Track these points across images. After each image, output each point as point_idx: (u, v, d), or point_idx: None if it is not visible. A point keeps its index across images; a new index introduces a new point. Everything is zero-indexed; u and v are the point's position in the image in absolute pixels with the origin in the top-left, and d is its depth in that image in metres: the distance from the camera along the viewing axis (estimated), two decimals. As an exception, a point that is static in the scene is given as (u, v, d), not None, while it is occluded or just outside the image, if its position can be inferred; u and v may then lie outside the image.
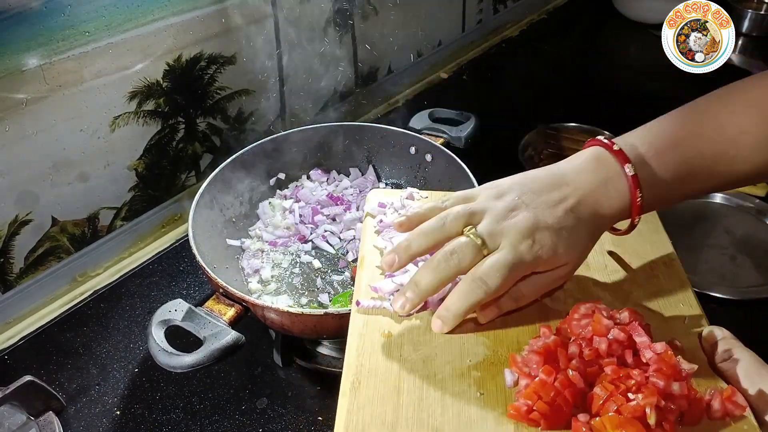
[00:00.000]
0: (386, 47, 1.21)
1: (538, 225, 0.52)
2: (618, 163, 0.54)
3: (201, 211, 0.81)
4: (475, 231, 0.53)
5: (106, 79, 0.82)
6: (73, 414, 0.74)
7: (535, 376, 0.47)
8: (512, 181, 0.56)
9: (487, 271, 0.51)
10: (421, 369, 0.50)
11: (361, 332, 0.53)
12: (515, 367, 0.49)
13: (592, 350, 0.48)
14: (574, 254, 0.54)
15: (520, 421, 0.46)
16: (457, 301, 0.52)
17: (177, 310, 0.68)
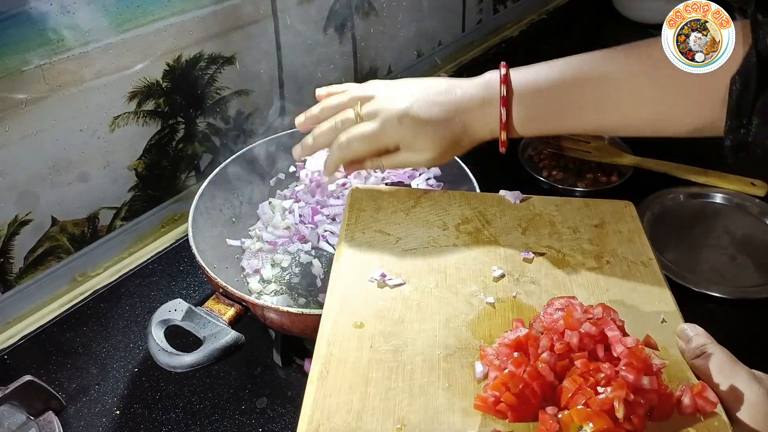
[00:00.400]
0: (386, 47, 1.21)
1: (409, 113, 0.65)
2: (499, 85, 0.64)
3: (201, 211, 0.82)
4: (359, 108, 0.67)
5: (106, 79, 0.82)
6: (73, 414, 0.74)
7: (505, 368, 0.47)
8: (414, 80, 0.69)
9: (352, 135, 0.66)
10: (390, 360, 0.50)
11: (333, 320, 0.53)
12: (485, 360, 0.49)
13: (563, 344, 0.48)
14: (432, 148, 0.66)
15: (487, 412, 0.46)
16: (330, 156, 0.68)
17: (177, 310, 0.68)
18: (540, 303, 0.56)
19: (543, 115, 0.66)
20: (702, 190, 0.99)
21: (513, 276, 0.59)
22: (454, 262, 0.60)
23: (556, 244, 0.63)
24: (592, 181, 1.03)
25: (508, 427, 0.45)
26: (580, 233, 0.65)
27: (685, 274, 0.86)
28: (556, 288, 0.58)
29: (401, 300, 0.56)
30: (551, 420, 0.44)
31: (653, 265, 0.61)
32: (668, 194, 0.98)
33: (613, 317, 0.50)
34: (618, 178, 1.02)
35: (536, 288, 0.58)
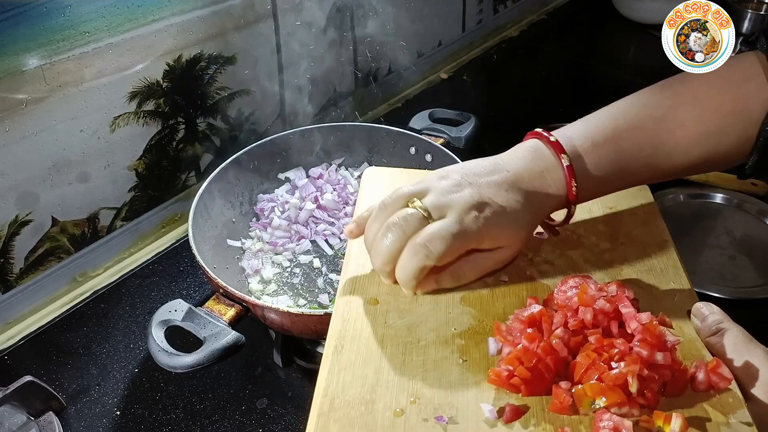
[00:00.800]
0: (386, 47, 1.21)
1: (483, 199, 0.53)
2: (554, 154, 0.57)
3: (201, 212, 0.82)
4: (420, 203, 0.53)
5: (106, 79, 0.82)
6: (73, 414, 0.74)
7: (519, 343, 0.47)
8: (454, 166, 0.58)
9: (430, 236, 0.51)
10: (404, 335, 0.50)
11: (347, 299, 0.53)
12: (499, 335, 0.49)
13: (577, 320, 0.48)
14: (516, 235, 0.55)
15: (501, 386, 0.46)
16: (402, 267, 0.52)
17: (177, 311, 0.68)
18: (554, 282, 0.55)
19: (606, 175, 0.58)
20: (702, 190, 0.99)
21: (527, 256, 0.59)
22: None
23: (570, 226, 0.62)
24: (592, 181, 1.02)
25: (522, 401, 0.46)
26: (595, 214, 0.64)
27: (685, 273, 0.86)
28: (570, 268, 0.58)
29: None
30: (565, 394, 0.44)
31: (669, 246, 0.61)
32: (668, 194, 0.98)
33: (627, 294, 0.50)
34: (618, 178, 1.02)
35: (550, 268, 0.57)
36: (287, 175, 0.96)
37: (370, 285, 0.55)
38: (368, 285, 0.55)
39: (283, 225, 0.90)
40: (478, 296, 0.54)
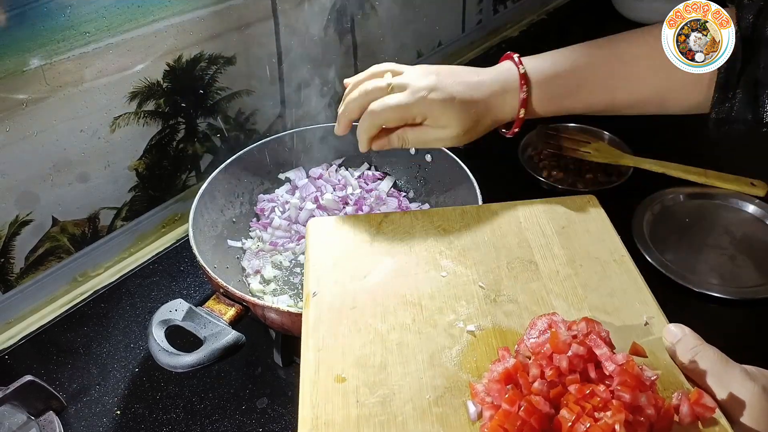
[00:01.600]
0: (386, 47, 1.21)
1: (439, 86, 0.68)
2: (517, 73, 0.73)
3: (201, 212, 0.82)
4: (390, 79, 0.70)
5: (106, 79, 0.82)
6: (73, 414, 0.74)
7: (499, 405, 0.45)
8: (443, 65, 0.73)
9: (381, 104, 0.68)
10: (380, 413, 0.48)
11: (313, 379, 0.50)
12: (477, 398, 0.48)
13: (553, 369, 0.46)
14: (457, 120, 0.69)
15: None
16: (360, 123, 0.70)
17: (177, 310, 0.68)
18: (521, 323, 0.54)
19: (560, 94, 0.73)
20: (702, 190, 0.99)
21: (490, 297, 0.57)
22: (427, 291, 0.58)
23: (527, 253, 0.61)
24: (592, 181, 1.03)
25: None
26: (549, 237, 0.63)
27: (685, 274, 0.86)
28: (534, 303, 0.56)
29: (380, 342, 0.53)
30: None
31: (627, 263, 0.60)
32: (668, 194, 0.98)
33: (597, 330, 0.49)
34: (618, 178, 1.02)
35: (515, 307, 0.56)
36: (287, 175, 0.96)
37: (334, 359, 0.52)
38: (331, 360, 0.52)
39: (284, 225, 0.90)
40: (447, 355, 0.52)
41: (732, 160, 1.02)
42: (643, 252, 0.89)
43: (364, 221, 0.66)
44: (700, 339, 0.51)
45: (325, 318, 0.55)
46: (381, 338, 0.54)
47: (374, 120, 0.69)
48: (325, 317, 0.55)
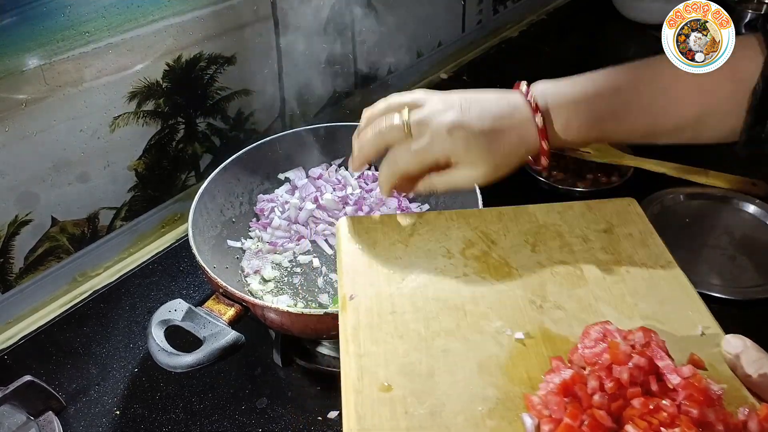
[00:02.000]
0: (386, 47, 1.21)
1: (460, 123, 0.61)
2: (530, 112, 0.64)
3: (201, 212, 0.82)
4: (407, 116, 0.62)
5: (106, 79, 0.82)
6: (73, 414, 0.74)
7: (558, 419, 0.44)
8: (461, 90, 0.66)
9: (401, 152, 0.62)
10: (430, 425, 0.45)
11: (357, 388, 0.48)
12: (533, 411, 0.46)
13: (613, 382, 0.44)
14: (485, 161, 0.62)
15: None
16: (380, 174, 0.65)
17: (177, 310, 0.68)
18: (571, 331, 0.52)
19: (599, 118, 0.65)
20: (702, 190, 0.99)
21: (535, 303, 0.55)
22: (470, 295, 0.55)
23: (570, 258, 0.59)
24: (592, 182, 1.03)
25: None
26: (591, 242, 0.61)
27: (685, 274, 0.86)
28: (582, 311, 0.54)
29: (424, 349, 0.51)
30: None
31: (674, 269, 0.58)
32: (668, 194, 0.98)
33: (656, 340, 0.47)
34: (618, 178, 1.02)
35: (563, 314, 0.54)
36: (287, 175, 0.96)
37: (377, 368, 0.49)
38: (374, 368, 0.49)
39: (283, 225, 0.89)
40: (495, 363, 0.50)
41: (732, 160, 1.02)
42: (643, 252, 0.88)
43: (397, 221, 0.64)
44: (763, 351, 0.49)
45: (364, 323, 0.53)
46: (425, 344, 0.51)
47: (394, 170, 0.63)
48: (364, 322, 0.53)
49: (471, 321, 0.53)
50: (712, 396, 0.43)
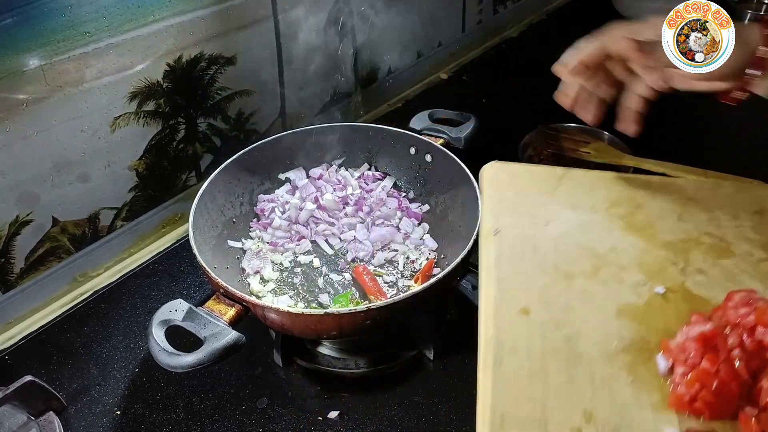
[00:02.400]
0: (386, 47, 1.21)
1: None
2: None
3: (201, 212, 0.82)
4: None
5: (106, 79, 0.82)
6: (73, 414, 0.74)
7: (694, 364, 0.46)
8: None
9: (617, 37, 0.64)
10: (565, 349, 0.49)
11: (495, 308, 0.52)
12: (668, 354, 0.48)
13: (754, 341, 0.46)
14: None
15: (682, 410, 0.45)
16: (578, 48, 0.66)
17: (177, 310, 0.68)
18: (712, 294, 0.54)
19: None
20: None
21: (678, 265, 0.57)
22: (611, 248, 0.58)
23: (717, 232, 0.61)
24: (592, 182, 1.03)
25: (706, 426, 0.44)
26: (741, 220, 0.62)
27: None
28: (726, 279, 0.56)
29: (564, 286, 0.54)
30: (752, 420, 0.43)
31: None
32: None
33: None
34: (618, 178, 1.02)
35: (705, 278, 0.56)
36: (287, 175, 0.96)
37: (517, 293, 0.53)
38: (514, 293, 0.53)
39: (284, 225, 0.90)
40: (633, 309, 0.52)
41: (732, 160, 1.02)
42: (643, 252, 0.88)
43: (544, 173, 0.67)
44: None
45: (507, 255, 0.57)
46: (565, 283, 0.54)
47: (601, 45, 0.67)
48: (506, 254, 0.57)
49: (611, 270, 0.56)
50: None
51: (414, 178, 0.96)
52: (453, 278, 0.72)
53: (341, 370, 0.78)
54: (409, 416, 0.73)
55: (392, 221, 0.91)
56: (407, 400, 0.74)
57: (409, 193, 0.96)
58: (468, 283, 0.89)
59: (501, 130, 1.15)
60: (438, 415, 0.72)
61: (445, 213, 0.89)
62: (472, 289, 0.88)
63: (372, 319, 0.66)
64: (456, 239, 0.83)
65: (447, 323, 0.83)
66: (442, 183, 0.91)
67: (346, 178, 0.96)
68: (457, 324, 0.83)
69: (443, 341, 0.79)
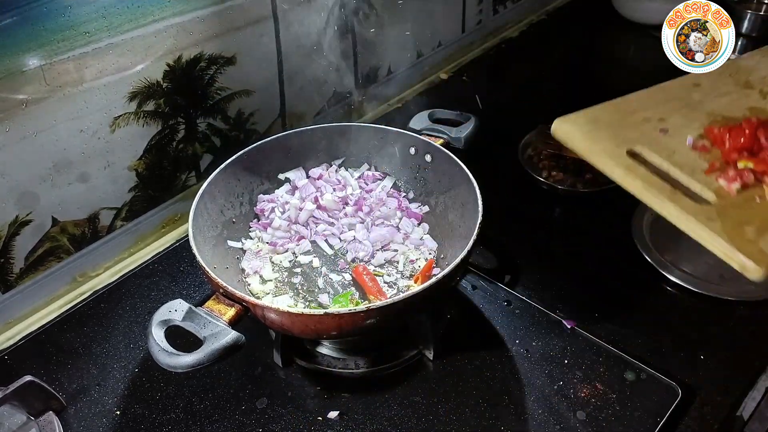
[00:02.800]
0: (386, 47, 1.21)
1: None
2: None
3: (201, 212, 0.81)
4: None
5: (106, 79, 0.82)
6: (73, 414, 0.74)
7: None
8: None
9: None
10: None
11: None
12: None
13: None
14: None
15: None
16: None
17: (177, 310, 0.68)
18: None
19: None
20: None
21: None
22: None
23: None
24: (592, 182, 1.02)
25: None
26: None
27: (685, 274, 0.86)
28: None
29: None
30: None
31: None
32: (668, 194, 0.98)
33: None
34: (618, 178, 1.02)
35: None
36: (287, 175, 0.96)
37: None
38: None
39: (283, 225, 0.90)
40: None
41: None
42: (643, 252, 0.89)
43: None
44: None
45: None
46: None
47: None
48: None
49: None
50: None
51: (414, 178, 0.96)
52: (453, 278, 0.72)
53: (341, 370, 0.78)
54: (409, 416, 0.73)
55: (392, 221, 0.91)
56: (407, 400, 0.74)
57: (408, 193, 0.96)
58: (468, 283, 0.89)
59: (501, 130, 1.15)
60: (438, 415, 0.72)
61: (445, 213, 0.89)
62: (472, 289, 0.88)
63: (372, 319, 0.66)
64: (456, 239, 0.83)
65: (447, 323, 0.83)
66: (442, 183, 0.91)
67: (346, 178, 0.96)
68: (457, 324, 0.83)
69: (443, 341, 0.79)
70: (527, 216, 1.01)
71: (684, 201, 0.63)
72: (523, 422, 0.71)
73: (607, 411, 0.71)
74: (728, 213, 0.61)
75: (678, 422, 0.71)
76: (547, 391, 0.74)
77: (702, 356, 0.77)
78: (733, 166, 0.64)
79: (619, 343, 0.79)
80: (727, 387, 0.74)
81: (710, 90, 0.70)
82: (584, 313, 0.83)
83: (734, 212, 0.62)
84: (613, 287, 0.88)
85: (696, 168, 0.66)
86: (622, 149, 0.68)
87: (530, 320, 0.83)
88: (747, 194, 0.63)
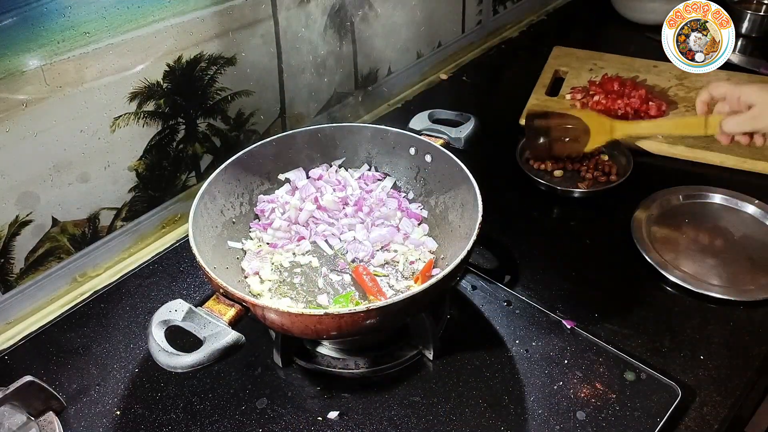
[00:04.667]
0: (386, 48, 1.21)
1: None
2: None
3: (201, 212, 0.81)
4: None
5: (106, 79, 0.82)
6: (73, 414, 0.74)
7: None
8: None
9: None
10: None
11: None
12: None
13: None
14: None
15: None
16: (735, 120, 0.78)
17: (177, 311, 0.68)
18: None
19: None
20: (701, 190, 0.99)
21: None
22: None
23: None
24: (591, 182, 1.03)
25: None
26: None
27: (685, 274, 0.86)
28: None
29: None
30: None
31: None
32: (667, 194, 0.98)
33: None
34: (617, 177, 1.02)
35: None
36: (287, 175, 0.96)
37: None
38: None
39: (283, 226, 0.90)
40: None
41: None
42: (643, 252, 0.89)
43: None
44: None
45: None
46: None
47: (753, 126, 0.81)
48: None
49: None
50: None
51: (414, 179, 0.96)
52: (453, 278, 0.72)
53: (341, 371, 0.78)
54: (409, 416, 0.73)
55: (392, 222, 0.91)
56: (407, 400, 0.74)
57: (408, 194, 0.96)
58: (468, 283, 0.89)
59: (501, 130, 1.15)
60: (438, 415, 0.73)
61: (445, 213, 0.89)
62: (472, 289, 0.88)
63: (372, 319, 0.66)
64: (456, 239, 0.83)
65: (447, 323, 0.83)
66: (441, 183, 0.91)
67: (346, 178, 0.96)
68: (457, 324, 0.83)
69: (443, 341, 0.79)
70: (527, 216, 1.01)
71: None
72: (523, 422, 0.71)
73: (607, 411, 0.71)
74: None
75: (678, 422, 0.71)
76: (546, 391, 0.74)
77: (702, 356, 0.77)
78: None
79: (618, 343, 0.79)
80: (727, 387, 0.74)
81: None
82: (584, 313, 0.83)
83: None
84: (612, 287, 0.88)
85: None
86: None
87: (530, 320, 0.83)
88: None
